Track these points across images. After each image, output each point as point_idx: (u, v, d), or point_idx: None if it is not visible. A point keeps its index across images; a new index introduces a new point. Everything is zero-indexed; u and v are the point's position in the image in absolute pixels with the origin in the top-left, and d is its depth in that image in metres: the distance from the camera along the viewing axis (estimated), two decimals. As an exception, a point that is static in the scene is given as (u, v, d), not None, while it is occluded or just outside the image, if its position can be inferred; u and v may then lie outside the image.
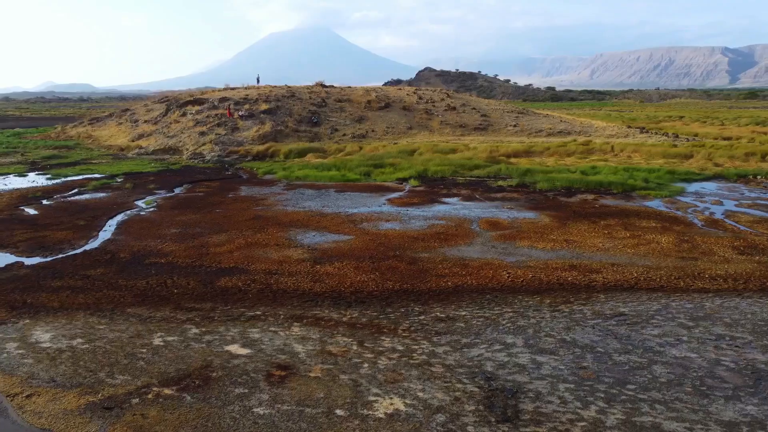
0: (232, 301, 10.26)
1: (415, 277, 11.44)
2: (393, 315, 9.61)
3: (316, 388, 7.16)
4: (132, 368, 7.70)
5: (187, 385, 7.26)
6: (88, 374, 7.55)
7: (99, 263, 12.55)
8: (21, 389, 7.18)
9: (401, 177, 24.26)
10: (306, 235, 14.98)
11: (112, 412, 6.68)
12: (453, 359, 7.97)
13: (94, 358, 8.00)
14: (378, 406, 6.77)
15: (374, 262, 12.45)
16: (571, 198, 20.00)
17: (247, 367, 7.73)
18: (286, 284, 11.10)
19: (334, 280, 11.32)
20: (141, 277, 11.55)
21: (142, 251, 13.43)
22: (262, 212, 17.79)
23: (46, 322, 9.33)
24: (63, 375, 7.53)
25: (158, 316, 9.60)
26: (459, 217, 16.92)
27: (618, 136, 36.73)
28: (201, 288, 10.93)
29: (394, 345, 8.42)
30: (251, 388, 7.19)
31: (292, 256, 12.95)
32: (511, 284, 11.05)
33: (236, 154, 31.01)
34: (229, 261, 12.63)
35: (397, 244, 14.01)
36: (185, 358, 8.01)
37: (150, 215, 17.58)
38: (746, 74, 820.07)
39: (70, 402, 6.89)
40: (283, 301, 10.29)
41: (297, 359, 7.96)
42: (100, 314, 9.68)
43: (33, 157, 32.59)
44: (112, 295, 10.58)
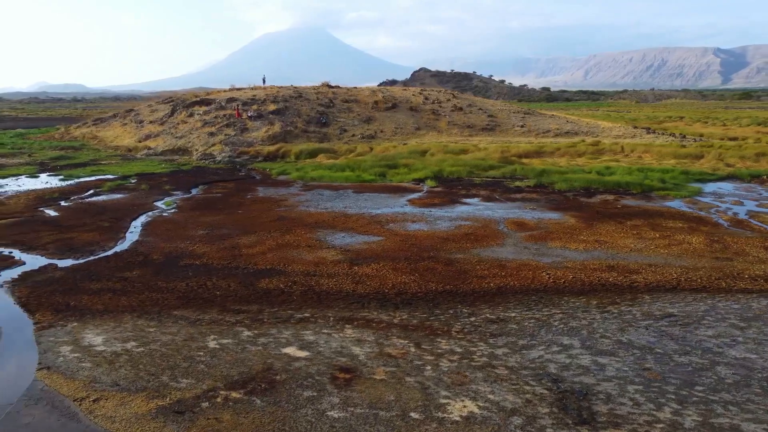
0: (278, 303, 10.20)
1: (455, 278, 11.40)
2: (443, 316, 9.58)
3: (385, 391, 7.12)
4: (194, 371, 7.63)
5: (254, 389, 7.20)
6: (150, 378, 7.48)
7: (133, 265, 12.45)
8: (86, 393, 7.10)
9: (417, 177, 24.23)
10: (335, 236, 14.92)
11: (184, 416, 6.62)
12: (514, 361, 7.94)
13: (152, 362, 7.93)
14: (451, 408, 6.73)
15: (411, 263, 12.41)
16: (592, 198, 20.02)
17: (310, 370, 7.68)
18: (328, 286, 11.05)
19: (375, 281, 11.27)
20: (179, 279, 11.46)
21: (174, 253, 13.34)
22: (285, 213, 17.72)
23: (95, 325, 9.24)
24: (125, 379, 7.46)
25: (206, 318, 9.53)
26: (484, 218, 16.90)
27: (625, 136, 36.83)
28: (243, 290, 10.86)
29: (452, 347, 8.38)
30: (319, 391, 7.14)
31: (326, 258, 12.90)
32: (553, 285, 11.04)
33: (247, 155, 30.90)
34: (264, 262, 12.56)
35: (429, 245, 13.97)
36: (245, 360, 7.95)
37: (173, 216, 17.48)
38: (738, 75, 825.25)
39: (139, 406, 6.82)
40: (329, 302, 10.23)
41: (358, 362, 7.92)
42: (147, 317, 9.60)
43: (41, 158, 32.37)
44: (155, 297, 10.50)
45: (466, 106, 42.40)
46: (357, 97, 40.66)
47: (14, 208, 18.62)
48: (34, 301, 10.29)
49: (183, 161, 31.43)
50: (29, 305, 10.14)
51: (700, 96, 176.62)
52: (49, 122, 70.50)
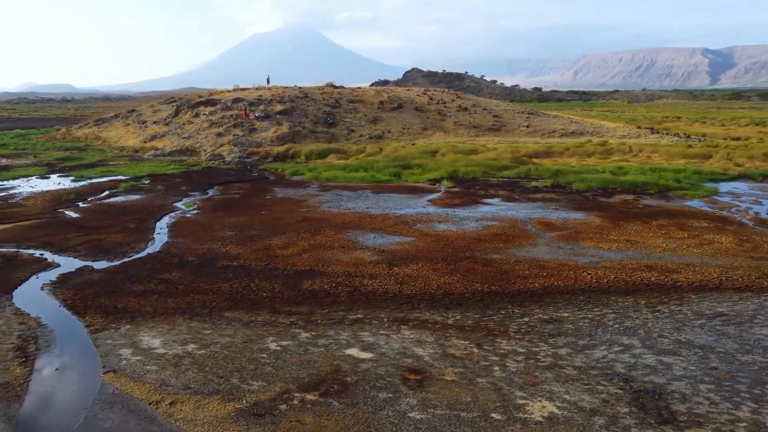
0: (327, 304, 10.17)
1: (498, 279, 11.42)
2: (496, 317, 9.59)
3: (460, 392, 7.11)
4: (262, 374, 7.59)
5: (327, 391, 7.17)
6: (219, 380, 7.44)
7: (170, 267, 12.37)
8: (160, 396, 7.05)
9: (432, 178, 24.24)
10: (365, 236, 14.90)
11: (264, 418, 6.59)
12: (580, 361, 7.96)
13: (217, 364, 7.88)
14: (530, 409, 6.74)
15: (449, 264, 12.42)
16: (611, 198, 20.12)
17: (379, 371, 7.66)
18: (373, 287, 11.03)
19: (419, 282, 11.27)
20: (221, 281, 11.40)
21: (209, 254, 13.27)
22: (310, 214, 17.67)
23: (149, 327, 9.17)
24: (195, 381, 7.41)
25: (259, 320, 9.48)
26: (510, 218, 16.94)
27: (630, 136, 37.05)
28: (288, 291, 10.82)
29: (514, 347, 8.39)
30: (394, 392, 7.12)
31: (363, 258, 12.88)
32: (597, 285, 11.08)
33: (257, 155, 30.79)
34: (302, 263, 12.52)
35: (462, 245, 13.98)
36: (310, 362, 7.92)
37: (196, 217, 17.39)
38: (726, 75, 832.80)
39: (217, 409, 6.77)
40: (378, 303, 10.22)
41: (424, 363, 7.91)
42: (199, 319, 9.55)
43: (47, 159, 32.09)
44: (202, 299, 10.44)
45: (471, 106, 42.49)
46: (362, 97, 40.63)
47: (33, 210, 18.45)
48: (81, 304, 10.20)
49: (192, 162, 31.26)
50: (76, 308, 10.05)
51: (691, 96, 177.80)
52: (43, 123, 69.90)
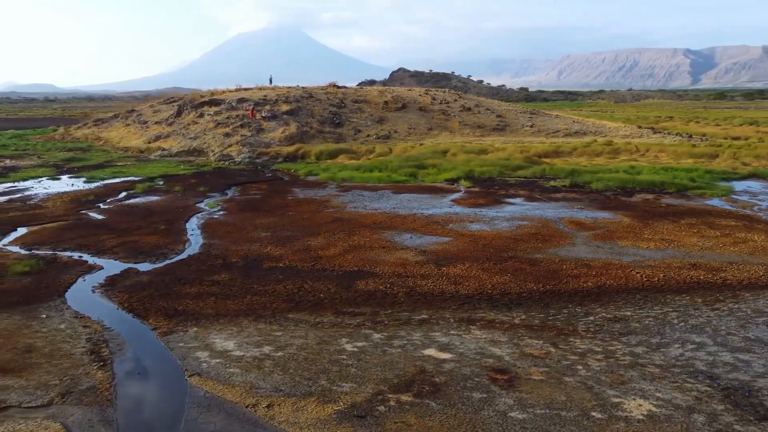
0: (387, 305, 10.17)
1: (549, 278, 11.48)
2: (560, 316, 9.65)
3: (552, 392, 7.15)
4: (348, 375, 7.58)
5: (420, 392, 7.18)
6: (308, 382, 7.41)
7: (216, 268, 12.29)
8: (255, 399, 7.01)
9: (449, 178, 24.30)
10: (401, 237, 14.91)
11: (366, 420, 6.58)
12: (659, 359, 8.04)
13: (300, 366, 7.85)
14: (627, 407, 6.79)
15: (495, 264, 12.47)
16: (632, 198, 20.30)
17: (464, 372, 7.68)
18: (428, 287, 11.04)
19: (472, 282, 11.30)
20: (273, 282, 11.35)
21: (251, 255, 13.20)
22: (338, 214, 17.64)
23: (217, 329, 9.11)
24: (284, 383, 7.38)
25: (325, 321, 9.46)
26: (539, 218, 17.04)
27: (633, 136, 37.42)
28: (344, 292, 10.80)
29: (589, 346, 8.45)
30: (487, 392, 7.15)
31: (408, 259, 12.88)
32: (649, 284, 11.18)
33: (266, 156, 30.64)
34: (348, 264, 12.50)
35: (501, 245, 14.04)
36: (393, 363, 7.91)
37: (225, 218, 17.29)
38: (707, 75, 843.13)
39: (316, 411, 6.75)
40: (438, 303, 10.24)
41: (505, 362, 7.94)
42: (265, 320, 9.50)
43: (52, 160, 31.69)
44: (260, 300, 10.38)
45: (474, 106, 42.64)
46: (366, 97, 40.59)
47: (56, 212, 18.23)
48: (139, 306, 10.11)
49: (201, 162, 31.03)
50: (136, 310, 9.96)
51: (676, 96, 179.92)
52: (33, 123, 68.99)
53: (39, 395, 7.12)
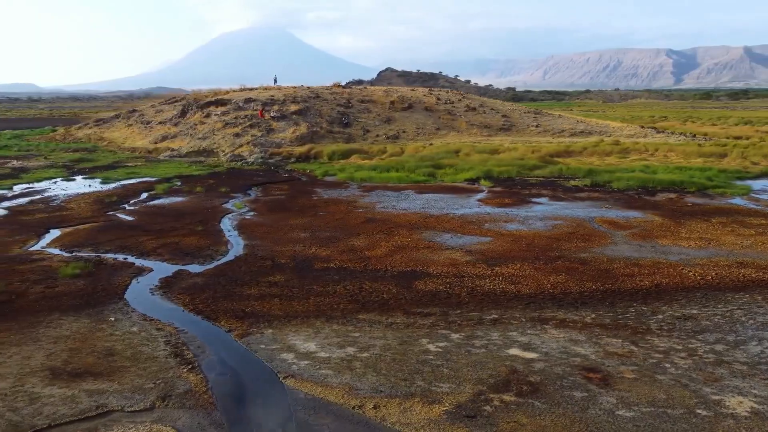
0: (454, 305, 10.19)
1: (605, 277, 11.57)
2: (629, 315, 9.73)
3: (650, 390, 7.21)
4: (442, 375, 7.59)
5: (520, 391, 7.21)
6: (404, 382, 7.42)
7: (268, 269, 12.24)
8: (359, 401, 7.00)
9: (468, 178, 24.37)
10: (441, 236, 14.94)
11: (477, 420, 6.60)
12: (743, 357, 8.14)
13: (390, 366, 7.85)
14: (729, 404, 6.87)
15: (546, 263, 12.54)
16: (655, 197, 20.50)
17: (556, 371, 7.72)
18: (488, 287, 11.08)
19: (530, 281, 11.36)
20: (330, 283, 11.33)
21: (298, 256, 13.15)
22: (369, 214, 17.62)
23: (293, 331, 9.08)
24: (382, 384, 7.37)
25: (398, 321, 9.46)
26: (571, 217, 17.15)
27: (638, 136, 37.78)
28: (406, 292, 10.81)
29: (669, 345, 8.54)
30: (587, 391, 7.19)
31: (457, 259, 12.92)
32: (704, 282, 11.31)
33: (279, 156, 30.50)
34: (399, 264, 12.50)
35: (543, 245, 14.12)
36: (482, 363, 7.94)
37: (257, 219, 17.21)
38: (689, 75, 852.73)
39: (424, 411, 6.76)
40: (504, 303, 10.28)
41: (593, 361, 7.99)
42: (337, 321, 9.48)
43: (60, 160, 31.32)
44: (325, 301, 10.36)
45: (478, 106, 42.80)
46: (372, 97, 40.57)
47: (83, 213, 18.04)
48: (205, 308, 10.05)
49: (212, 162, 30.83)
50: (203, 312, 9.90)
51: (663, 96, 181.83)
52: (24, 123, 68.06)
53: (138, 399, 7.05)
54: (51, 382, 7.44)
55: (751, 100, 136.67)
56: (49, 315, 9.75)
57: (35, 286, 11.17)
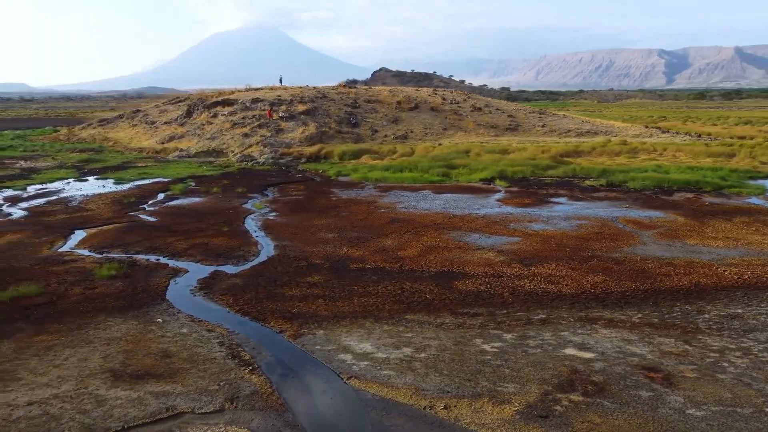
0: (499, 305, 10.20)
1: (642, 277, 11.62)
2: (674, 314, 9.77)
3: (714, 389, 7.25)
4: (504, 375, 7.61)
5: (586, 391, 7.23)
6: (468, 383, 7.43)
7: (304, 270, 12.22)
8: (428, 401, 7.00)
9: (483, 178, 24.41)
10: (469, 236, 14.96)
11: (549, 420, 6.62)
12: (798, 355, 8.19)
13: (450, 367, 7.86)
14: (797, 403, 6.92)
15: (581, 263, 12.58)
16: (673, 197, 20.60)
17: (616, 370, 7.75)
18: (528, 286, 11.11)
19: (569, 281, 11.39)
20: (370, 283, 11.33)
21: (332, 257, 13.13)
22: (392, 215, 17.61)
23: (345, 332, 9.08)
24: (446, 385, 7.38)
25: (447, 322, 9.47)
26: (594, 217, 17.21)
27: (643, 136, 37.96)
28: (448, 293, 10.82)
29: (723, 344, 8.58)
30: (653, 391, 7.22)
31: (491, 259, 12.94)
32: (741, 281, 11.37)
33: (289, 156, 30.44)
34: (434, 264, 12.50)
35: (574, 244, 14.16)
36: (542, 363, 7.96)
37: (280, 219, 17.18)
38: (681, 75, 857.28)
39: (496, 412, 6.77)
40: (548, 303, 10.31)
41: (651, 361, 8.03)
42: (386, 322, 9.48)
43: (68, 161, 31.15)
44: (370, 302, 10.36)
45: (484, 106, 42.89)
46: (378, 97, 40.55)
47: (104, 214, 17.95)
48: (251, 310, 10.03)
49: (222, 163, 30.74)
50: (250, 313, 9.88)
51: (657, 96, 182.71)
52: (21, 124, 67.64)
53: (206, 401, 7.03)
54: (114, 384, 7.40)
55: (744, 100, 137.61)
56: (95, 316, 9.70)
57: (74, 287, 11.11)
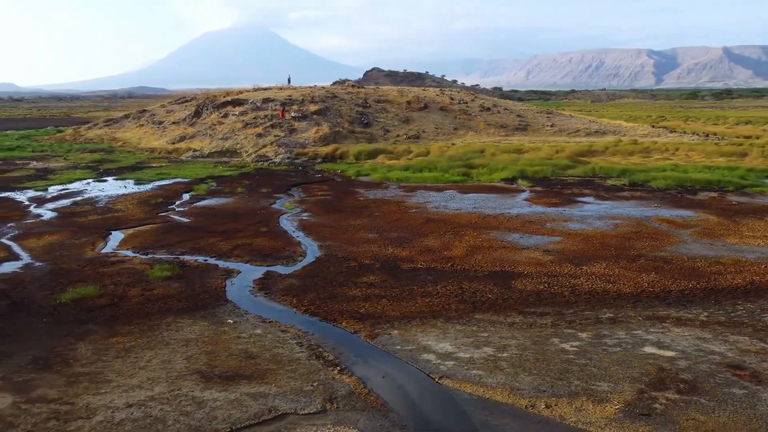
0: (564, 304, 10.25)
1: (696, 276, 11.70)
2: (739, 313, 9.86)
3: (806, 386, 7.33)
4: (594, 374, 7.65)
5: (680, 389, 7.28)
6: (561, 382, 7.46)
7: (357, 270, 12.22)
8: (528, 401, 7.03)
9: (504, 177, 24.49)
10: (509, 236, 15.02)
11: (653, 418, 6.66)
12: None
13: (536, 366, 7.89)
14: None
15: (630, 263, 12.66)
16: (697, 196, 20.77)
17: (703, 368, 7.81)
18: (586, 286, 11.17)
19: (625, 280, 11.46)
20: (428, 283, 11.35)
21: (382, 257, 13.13)
22: (425, 214, 17.64)
23: (419, 332, 9.09)
24: (539, 384, 7.41)
25: (519, 321, 9.51)
26: (627, 216, 17.33)
27: (651, 135, 38.23)
28: (509, 292, 10.86)
29: (797, 341, 8.68)
30: (743, 388, 7.28)
31: (539, 258, 13.00)
32: (795, 280, 11.49)
33: (305, 156, 30.38)
34: (485, 264, 12.54)
35: (616, 244, 14.25)
36: (627, 362, 8.00)
37: (316, 220, 17.16)
38: (670, 75, 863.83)
39: (598, 410, 6.81)
40: (611, 302, 10.36)
41: (732, 359, 8.09)
42: (457, 321, 9.50)
43: (82, 161, 30.93)
44: (435, 302, 10.37)
45: (492, 106, 43.03)
46: (388, 97, 40.55)
47: (135, 215, 17.86)
48: (318, 310, 10.02)
49: (238, 163, 30.64)
50: (318, 314, 9.88)
51: (649, 96, 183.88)
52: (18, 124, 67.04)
53: (305, 401, 7.02)
54: (206, 386, 7.38)
55: (735, 100, 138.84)
56: (163, 317, 9.66)
57: (131, 288, 11.05)
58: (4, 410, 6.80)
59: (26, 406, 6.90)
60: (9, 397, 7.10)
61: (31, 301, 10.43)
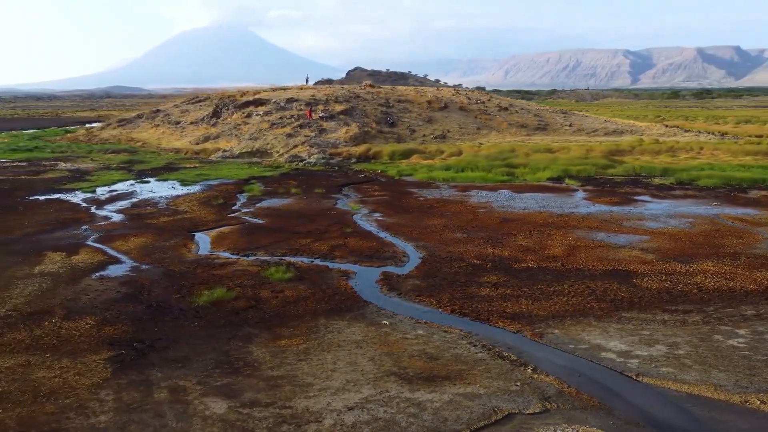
0: (699, 302, 10.39)
1: (806, 273, 11.97)
2: None
3: None
4: (783, 370, 7.79)
5: None
6: (755, 378, 7.61)
7: (471, 270, 12.26)
8: (740, 397, 7.14)
9: (550, 177, 24.71)
10: (596, 235, 15.18)
11: None
12: None
13: (719, 362, 8.02)
14: None
15: (734, 260, 12.87)
16: (749, 194, 21.18)
17: None
18: (710, 284, 11.32)
19: (742, 278, 11.64)
20: (553, 282, 11.42)
21: (487, 257, 13.18)
22: (496, 214, 17.73)
23: (581, 330, 9.17)
24: (736, 379, 7.53)
25: (668, 319, 9.62)
26: (697, 215, 17.61)
27: (667, 135, 38.84)
28: (639, 291, 10.97)
29: None
30: None
31: (642, 257, 13.17)
32: None
33: (339, 156, 30.27)
34: (593, 264, 12.66)
35: (705, 242, 14.46)
36: (804, 357, 8.17)
37: (392, 220, 17.16)
38: (645, 75, 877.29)
39: (813, 405, 6.95)
40: (743, 299, 10.53)
41: None
42: (608, 320, 9.60)
43: (110, 162, 30.50)
44: (572, 301, 10.46)
45: (509, 105, 43.34)
46: (407, 97, 40.62)
47: (205, 216, 17.71)
48: (464, 310, 10.07)
49: (271, 163, 30.42)
50: (468, 314, 9.92)
51: (633, 95, 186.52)
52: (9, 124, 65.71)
53: (522, 401, 7.05)
54: (411, 387, 7.37)
55: (715, 100, 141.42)
56: (314, 319, 9.61)
57: (259, 290, 10.96)
58: (227, 415, 6.73)
59: (246, 411, 6.82)
60: (221, 402, 7.02)
61: (168, 304, 10.29)
